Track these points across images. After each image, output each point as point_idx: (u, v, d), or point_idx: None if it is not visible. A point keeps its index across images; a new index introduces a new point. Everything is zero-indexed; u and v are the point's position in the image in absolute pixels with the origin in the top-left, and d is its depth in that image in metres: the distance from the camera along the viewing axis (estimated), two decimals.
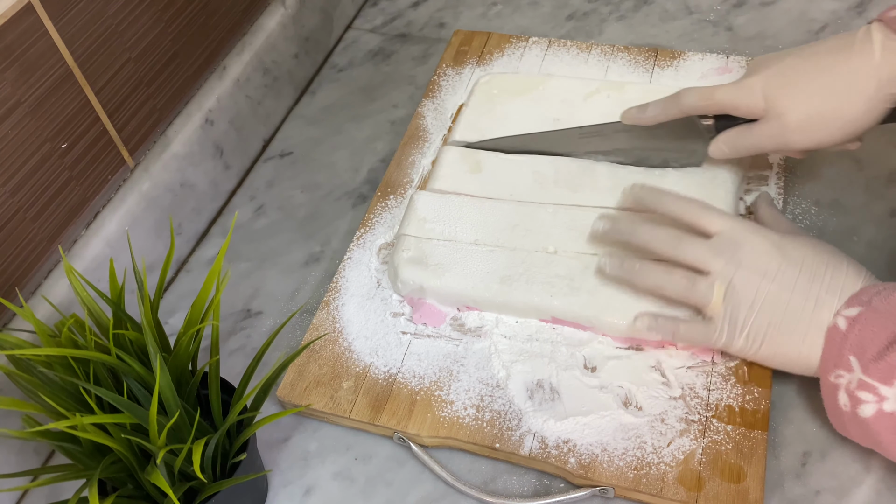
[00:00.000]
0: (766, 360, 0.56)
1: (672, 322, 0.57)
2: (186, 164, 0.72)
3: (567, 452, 0.55)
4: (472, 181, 0.69)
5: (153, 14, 0.67)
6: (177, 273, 0.73)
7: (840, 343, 0.51)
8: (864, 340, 0.50)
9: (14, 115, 0.56)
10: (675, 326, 0.56)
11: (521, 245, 0.64)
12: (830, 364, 0.52)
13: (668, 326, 0.57)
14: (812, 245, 0.56)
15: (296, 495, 0.58)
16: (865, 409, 0.50)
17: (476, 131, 0.74)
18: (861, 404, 0.50)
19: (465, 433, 0.57)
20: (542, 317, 0.62)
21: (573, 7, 0.92)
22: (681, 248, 0.57)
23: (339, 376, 0.61)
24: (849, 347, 0.51)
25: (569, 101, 0.74)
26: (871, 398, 0.49)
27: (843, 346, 0.51)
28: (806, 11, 0.85)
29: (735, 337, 0.55)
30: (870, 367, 0.49)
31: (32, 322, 0.51)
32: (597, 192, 0.66)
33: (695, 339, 0.57)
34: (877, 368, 0.49)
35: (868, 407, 0.49)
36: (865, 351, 0.50)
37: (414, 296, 0.65)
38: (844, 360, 0.51)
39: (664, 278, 0.57)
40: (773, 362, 0.56)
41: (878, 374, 0.49)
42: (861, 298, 0.52)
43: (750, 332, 0.54)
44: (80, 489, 0.48)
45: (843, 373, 0.51)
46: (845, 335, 0.51)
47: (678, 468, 0.54)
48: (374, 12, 0.97)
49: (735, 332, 0.55)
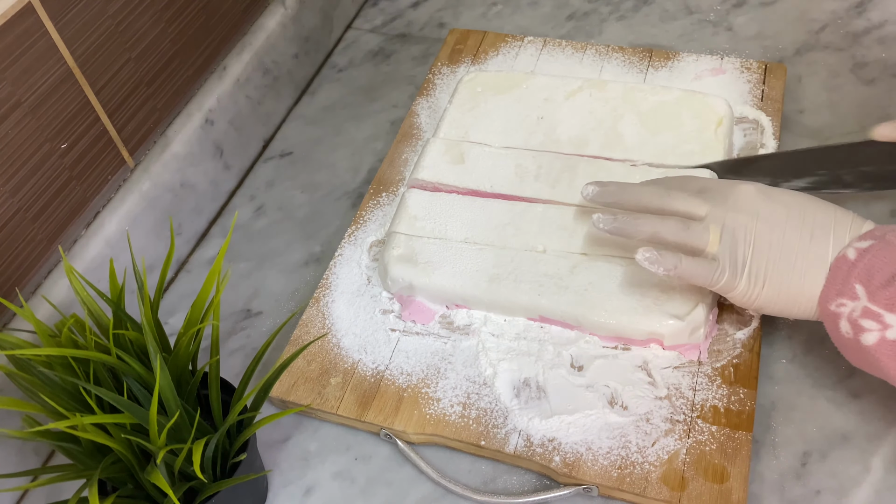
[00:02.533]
0: (769, 303, 0.55)
1: (675, 256, 0.55)
2: (186, 164, 0.72)
3: (552, 451, 0.55)
4: (453, 172, 0.70)
5: (153, 14, 0.67)
6: (177, 273, 0.73)
7: (847, 271, 0.52)
8: (873, 269, 0.51)
9: (14, 115, 0.56)
10: (678, 260, 0.55)
11: (511, 244, 0.64)
12: (833, 293, 0.52)
13: (671, 260, 0.55)
14: (794, 192, 0.57)
15: (296, 495, 0.58)
16: (868, 337, 0.50)
17: (460, 128, 0.74)
18: (864, 332, 0.50)
19: (450, 430, 0.57)
20: (529, 315, 0.62)
21: (573, 7, 0.92)
22: (671, 199, 0.58)
23: (328, 372, 0.61)
24: (856, 275, 0.51)
25: (551, 98, 0.75)
26: (874, 326, 0.50)
27: (849, 275, 0.51)
28: (806, 11, 0.85)
29: (737, 276, 0.55)
30: (876, 295, 0.50)
31: (32, 322, 0.51)
32: (573, 189, 0.67)
33: (697, 276, 0.55)
34: (883, 296, 0.50)
35: (871, 335, 0.50)
36: (872, 279, 0.50)
37: (403, 293, 0.65)
38: (849, 287, 0.51)
39: (659, 225, 0.57)
40: (776, 305, 0.55)
41: (885, 302, 0.50)
42: (874, 234, 0.52)
43: (751, 271, 0.54)
44: (80, 489, 0.48)
45: (847, 301, 0.51)
46: (854, 264, 0.52)
47: (662, 468, 0.54)
48: (374, 12, 0.97)
49: (737, 271, 0.54)
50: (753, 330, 0.60)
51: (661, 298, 0.59)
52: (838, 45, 0.81)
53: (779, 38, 0.83)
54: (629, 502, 0.54)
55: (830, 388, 0.58)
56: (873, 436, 0.56)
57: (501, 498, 0.55)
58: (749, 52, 0.82)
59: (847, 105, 0.76)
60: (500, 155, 0.71)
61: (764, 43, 0.83)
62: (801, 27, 0.84)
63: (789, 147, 0.73)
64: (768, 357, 0.61)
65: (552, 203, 0.67)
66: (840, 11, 0.85)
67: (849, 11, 0.84)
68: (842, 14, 0.84)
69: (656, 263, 0.55)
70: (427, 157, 0.71)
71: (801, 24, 0.84)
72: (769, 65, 0.78)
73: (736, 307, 0.61)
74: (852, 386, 0.58)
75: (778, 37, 0.83)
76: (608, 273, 0.61)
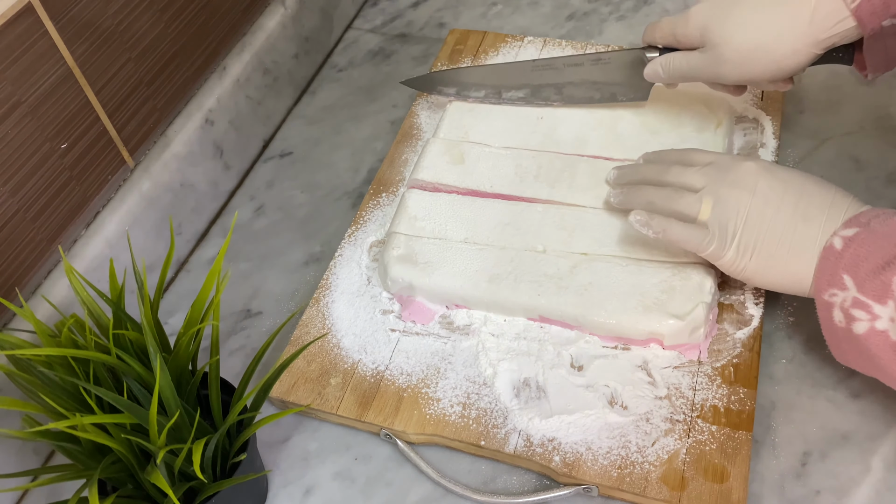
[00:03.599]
0: (756, 275, 0.56)
1: (665, 220, 0.58)
2: (186, 164, 0.72)
3: (552, 451, 0.55)
4: (453, 172, 0.70)
5: (153, 14, 0.67)
6: (177, 273, 0.73)
7: (835, 262, 0.52)
8: (859, 259, 0.51)
9: (14, 115, 0.56)
10: (668, 223, 0.57)
11: (511, 244, 0.64)
12: (824, 283, 0.53)
13: (661, 222, 0.58)
14: (800, 172, 0.58)
15: (296, 495, 0.58)
16: (859, 327, 0.51)
17: (460, 128, 0.74)
18: (855, 322, 0.51)
19: (450, 430, 0.57)
20: (529, 315, 0.62)
21: (573, 7, 0.92)
22: (671, 173, 0.61)
23: (328, 373, 0.61)
24: (843, 266, 0.52)
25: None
26: (864, 316, 0.50)
27: (837, 265, 0.52)
28: None
29: (726, 245, 0.56)
30: (864, 285, 0.50)
31: (32, 322, 0.51)
32: (574, 189, 0.67)
33: (686, 240, 0.57)
34: (871, 287, 0.50)
35: (861, 325, 0.51)
36: (860, 269, 0.51)
37: (403, 293, 0.65)
38: (838, 278, 0.52)
39: (654, 193, 0.60)
40: (764, 278, 0.57)
41: (873, 293, 0.50)
42: (860, 220, 0.53)
43: (740, 243, 0.55)
44: (80, 489, 0.48)
45: (837, 291, 0.52)
46: (840, 254, 0.52)
47: (662, 468, 0.54)
48: (374, 12, 0.97)
49: (726, 240, 0.56)
50: (753, 330, 0.60)
51: (661, 298, 0.59)
52: None
53: None
54: (629, 502, 0.54)
55: (830, 388, 0.58)
56: (873, 436, 0.56)
57: (501, 498, 0.55)
58: None
59: (847, 105, 0.76)
60: (500, 155, 0.71)
61: None
62: None
63: (789, 145, 0.73)
64: (768, 357, 0.61)
65: (552, 203, 0.67)
66: None
67: None
68: None
69: (646, 225, 0.58)
70: (427, 158, 0.71)
71: None
72: None
73: (736, 307, 0.61)
74: (852, 386, 0.58)
75: None
76: (608, 273, 0.61)
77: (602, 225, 0.64)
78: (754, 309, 0.61)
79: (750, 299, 0.62)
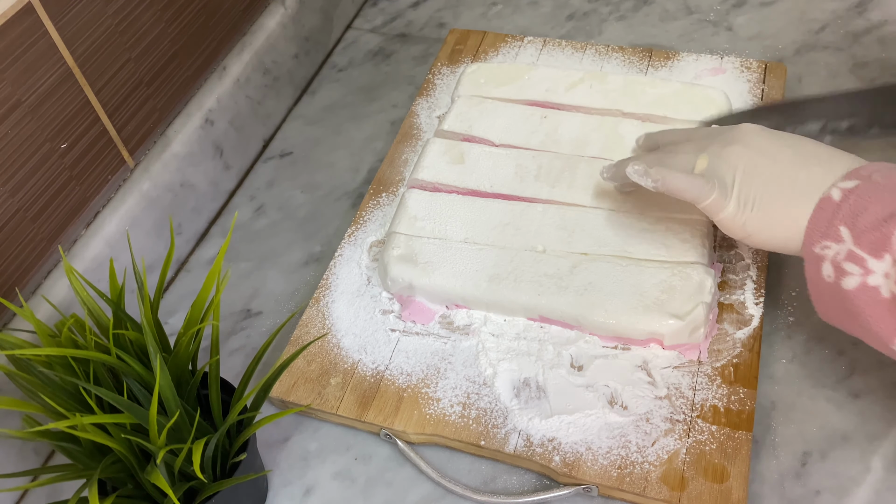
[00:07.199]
0: (757, 230, 0.54)
1: (663, 169, 0.56)
2: (186, 164, 0.72)
3: (552, 451, 0.55)
4: (453, 172, 0.70)
5: (153, 14, 0.67)
6: (177, 273, 0.73)
7: (831, 213, 0.51)
8: (858, 211, 0.50)
9: (14, 115, 0.56)
10: (666, 172, 0.56)
11: (511, 244, 0.64)
12: (817, 235, 0.51)
13: (660, 172, 0.56)
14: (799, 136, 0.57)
15: (296, 495, 0.58)
16: (849, 282, 0.49)
17: (465, 122, 0.74)
18: (845, 276, 0.49)
19: (450, 430, 0.57)
20: (529, 315, 0.62)
21: (573, 7, 0.92)
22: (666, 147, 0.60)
23: (328, 373, 0.61)
24: (840, 217, 0.50)
25: (552, 90, 0.76)
26: (857, 270, 0.49)
27: (834, 216, 0.51)
28: (806, 11, 0.85)
29: (727, 196, 0.54)
30: (862, 238, 0.49)
31: (32, 322, 0.51)
32: (573, 189, 0.67)
33: (686, 190, 0.55)
34: (869, 239, 0.49)
35: (852, 279, 0.49)
36: (858, 221, 0.49)
37: (403, 293, 0.65)
38: (834, 230, 0.50)
39: (646, 157, 0.59)
40: (763, 233, 0.54)
41: (870, 246, 0.48)
42: (860, 173, 0.51)
43: (740, 194, 0.54)
44: (80, 489, 0.48)
45: (831, 244, 0.50)
46: (838, 205, 0.51)
47: (662, 467, 0.54)
48: (374, 12, 0.97)
49: (727, 192, 0.54)
50: (753, 330, 0.60)
51: (661, 298, 0.59)
52: (838, 44, 0.81)
53: (779, 38, 0.83)
54: (629, 502, 0.54)
55: (830, 388, 0.58)
56: (873, 436, 0.56)
57: (501, 498, 0.55)
58: (749, 51, 0.82)
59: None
60: (500, 155, 0.71)
61: (764, 43, 0.83)
62: (801, 27, 0.84)
63: None
64: (768, 357, 0.61)
65: (552, 203, 0.67)
66: (840, 11, 0.85)
67: (849, 11, 0.84)
68: (842, 14, 0.84)
69: (645, 175, 0.57)
70: (427, 157, 0.71)
71: (801, 24, 0.84)
72: (769, 64, 0.78)
73: (736, 307, 0.61)
74: (852, 386, 0.58)
75: (778, 37, 0.83)
76: (608, 273, 0.61)
77: (602, 225, 0.64)
78: (754, 309, 0.61)
79: (750, 299, 0.62)
